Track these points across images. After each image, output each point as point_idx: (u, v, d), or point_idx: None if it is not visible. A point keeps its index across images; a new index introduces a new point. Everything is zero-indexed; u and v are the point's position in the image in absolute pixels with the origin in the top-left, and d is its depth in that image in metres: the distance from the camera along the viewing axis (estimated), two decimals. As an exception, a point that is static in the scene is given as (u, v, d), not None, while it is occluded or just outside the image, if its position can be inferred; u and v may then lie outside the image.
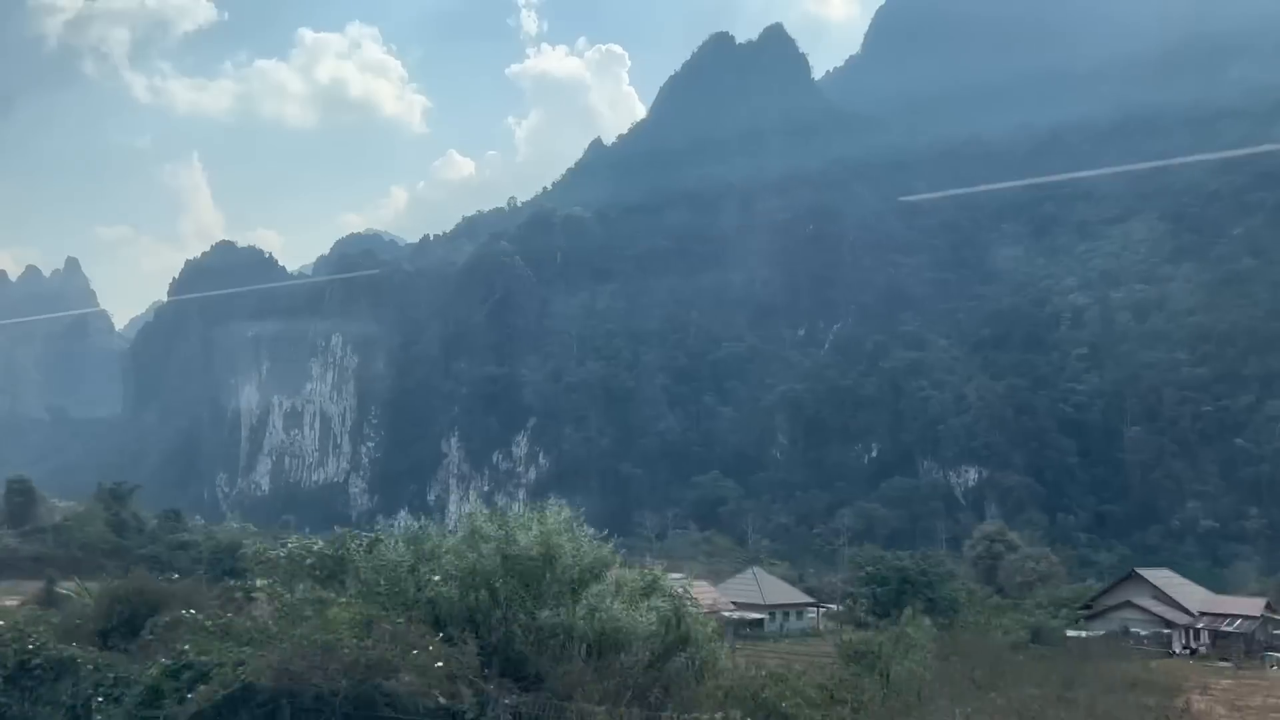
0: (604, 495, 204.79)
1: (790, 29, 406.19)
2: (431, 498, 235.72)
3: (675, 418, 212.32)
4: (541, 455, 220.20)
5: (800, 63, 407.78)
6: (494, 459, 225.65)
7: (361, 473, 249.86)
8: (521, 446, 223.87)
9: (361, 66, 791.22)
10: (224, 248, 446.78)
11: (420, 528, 18.80)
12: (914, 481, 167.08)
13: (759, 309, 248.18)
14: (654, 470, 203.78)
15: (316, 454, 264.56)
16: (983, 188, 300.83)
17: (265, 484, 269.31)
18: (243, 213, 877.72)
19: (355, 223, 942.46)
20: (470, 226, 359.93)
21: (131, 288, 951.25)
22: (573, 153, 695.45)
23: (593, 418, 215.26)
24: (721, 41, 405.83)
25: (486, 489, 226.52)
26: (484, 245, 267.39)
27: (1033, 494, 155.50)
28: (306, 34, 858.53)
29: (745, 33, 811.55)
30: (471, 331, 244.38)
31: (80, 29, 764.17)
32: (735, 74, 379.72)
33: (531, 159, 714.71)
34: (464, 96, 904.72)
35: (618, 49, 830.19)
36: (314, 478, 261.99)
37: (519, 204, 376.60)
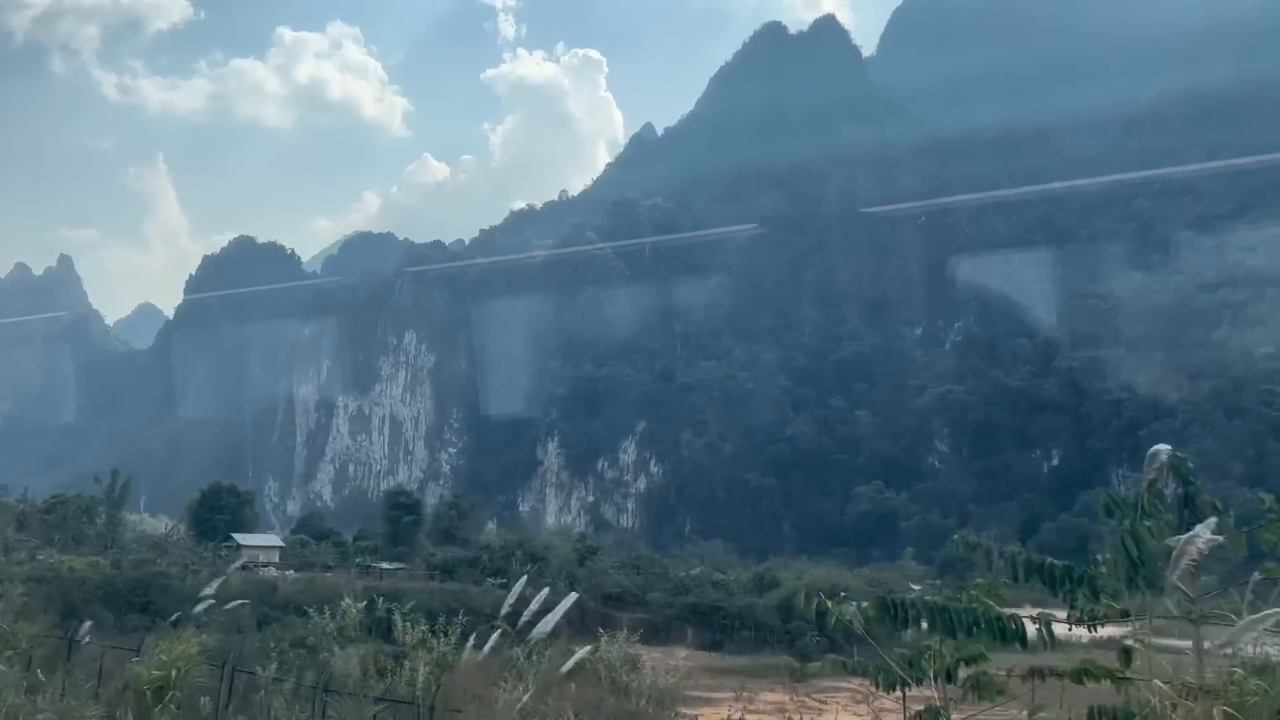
0: (732, 508, 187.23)
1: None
2: (525, 508, 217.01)
3: (804, 422, 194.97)
4: (653, 462, 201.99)
5: (855, 54, 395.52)
6: (599, 466, 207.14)
7: (441, 481, 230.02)
8: (629, 453, 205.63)
9: (341, 67, 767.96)
10: (242, 243, 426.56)
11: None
12: (1117, 493, 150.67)
13: (869, 305, 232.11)
14: (787, 480, 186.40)
15: (385, 461, 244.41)
16: (1071, 182, 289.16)
17: (327, 493, 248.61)
18: (211, 216, 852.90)
19: (327, 227, 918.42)
20: (519, 220, 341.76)
21: (101, 291, 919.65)
22: (550, 157, 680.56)
23: (712, 422, 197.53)
24: (774, 31, 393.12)
25: (591, 499, 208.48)
26: (567, 237, 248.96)
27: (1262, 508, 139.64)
28: (286, 33, 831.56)
29: (736, 35, 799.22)
30: (563, 329, 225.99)
31: (49, 25, 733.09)
32: (791, 64, 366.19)
33: (507, 164, 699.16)
34: (442, 100, 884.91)
35: (595, 54, 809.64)
36: (383, 487, 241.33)
37: (570, 196, 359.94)
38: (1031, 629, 6.64)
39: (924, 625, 6.58)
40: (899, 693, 7.16)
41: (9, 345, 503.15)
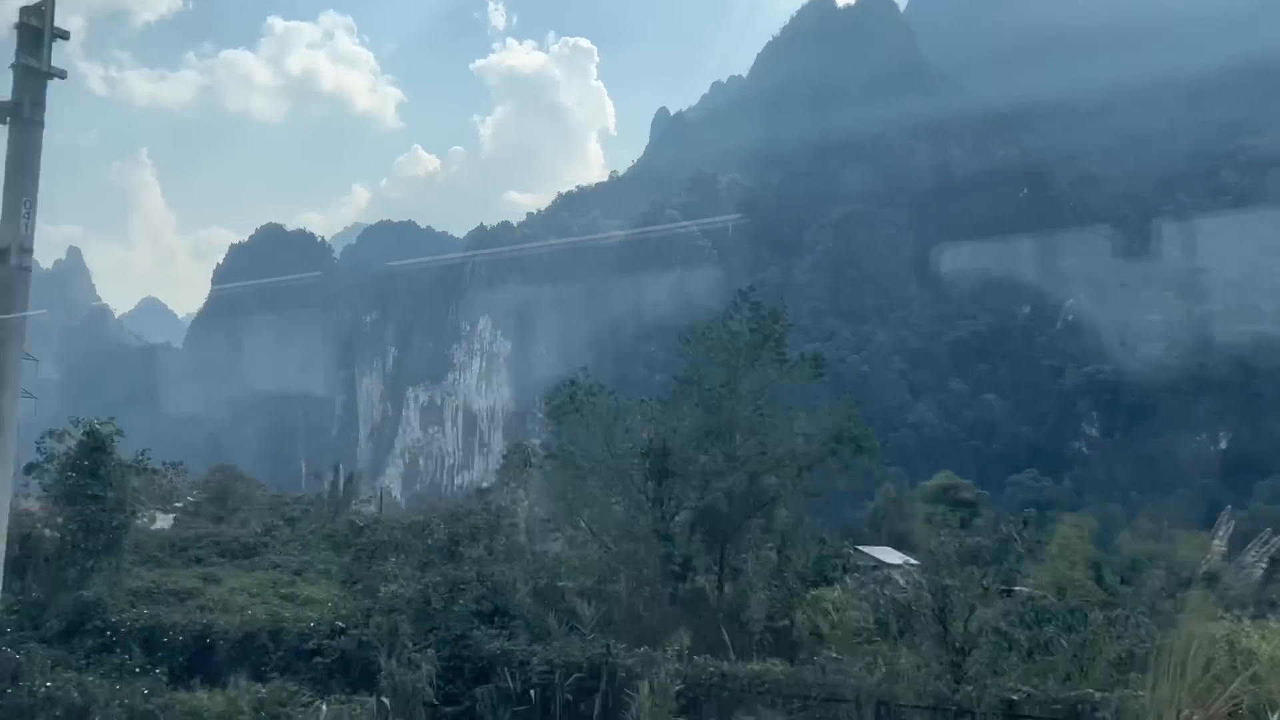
0: (853, 499, 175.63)
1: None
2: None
3: (926, 407, 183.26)
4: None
5: (903, 27, 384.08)
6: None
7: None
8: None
9: (333, 57, 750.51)
10: (271, 230, 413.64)
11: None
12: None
13: (973, 282, 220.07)
14: (913, 468, 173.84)
15: (459, 453, 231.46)
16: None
17: (396, 489, 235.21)
18: (198, 211, 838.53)
19: (318, 221, 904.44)
20: (572, 201, 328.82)
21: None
22: (541, 148, 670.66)
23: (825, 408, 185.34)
24: (822, 6, 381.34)
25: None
26: (646, 215, 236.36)
27: None
28: (277, 23, 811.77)
29: (733, 23, 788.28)
30: (651, 311, 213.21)
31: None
32: (841, 39, 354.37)
33: (497, 155, 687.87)
34: (434, 91, 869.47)
35: (585, 43, 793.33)
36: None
37: (620, 174, 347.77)
38: None
39: None
40: None
41: (24, 341, 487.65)
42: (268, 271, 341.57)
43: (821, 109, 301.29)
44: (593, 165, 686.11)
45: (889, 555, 44.45)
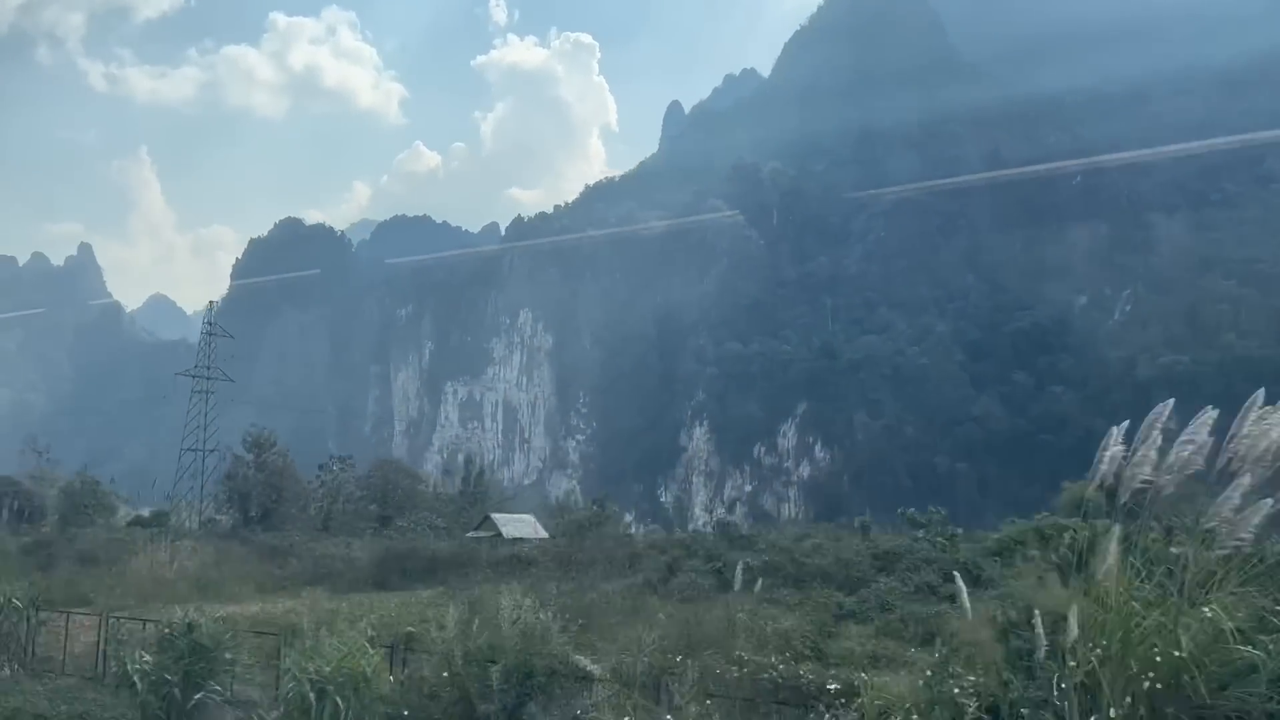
0: (919, 496, 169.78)
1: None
2: (666, 499, 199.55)
3: (990, 400, 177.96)
4: (818, 447, 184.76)
5: (933, 15, 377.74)
6: (755, 453, 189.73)
7: (569, 471, 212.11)
8: (789, 438, 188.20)
9: (336, 53, 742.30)
10: (289, 224, 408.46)
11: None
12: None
13: (1028, 272, 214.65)
14: (980, 465, 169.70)
15: (499, 450, 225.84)
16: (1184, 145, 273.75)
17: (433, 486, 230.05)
18: (198, 209, 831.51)
19: (318, 218, 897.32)
20: (597, 193, 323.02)
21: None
22: (542, 144, 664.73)
23: (887, 402, 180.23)
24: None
25: (749, 488, 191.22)
26: (689, 205, 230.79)
27: None
28: (279, 18, 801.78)
29: (729, 20, 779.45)
30: (699, 303, 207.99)
31: (33, 13, 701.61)
32: (870, 27, 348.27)
33: (499, 151, 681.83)
34: (436, 87, 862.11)
35: (586, 38, 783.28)
36: (497, 478, 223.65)
37: (645, 164, 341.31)
38: None
39: None
40: None
41: (39, 337, 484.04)
42: (286, 266, 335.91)
43: (857, 98, 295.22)
44: (594, 161, 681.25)
45: None
